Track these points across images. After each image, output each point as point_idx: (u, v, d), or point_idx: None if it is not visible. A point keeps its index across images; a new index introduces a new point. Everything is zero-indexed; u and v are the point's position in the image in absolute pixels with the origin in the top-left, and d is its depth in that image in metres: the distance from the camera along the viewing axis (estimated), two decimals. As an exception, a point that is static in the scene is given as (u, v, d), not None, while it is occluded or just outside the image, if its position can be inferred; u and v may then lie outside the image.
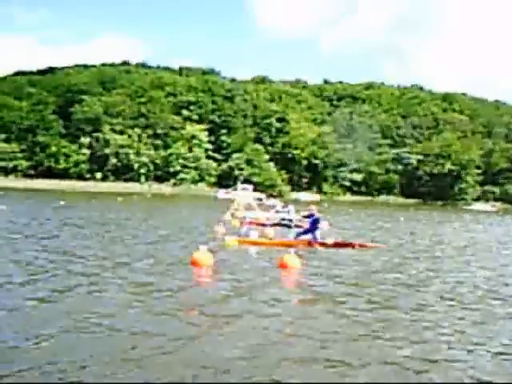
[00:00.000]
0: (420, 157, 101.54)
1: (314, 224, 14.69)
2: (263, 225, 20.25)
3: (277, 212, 26.64)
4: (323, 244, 14.57)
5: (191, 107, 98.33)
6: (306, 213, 15.68)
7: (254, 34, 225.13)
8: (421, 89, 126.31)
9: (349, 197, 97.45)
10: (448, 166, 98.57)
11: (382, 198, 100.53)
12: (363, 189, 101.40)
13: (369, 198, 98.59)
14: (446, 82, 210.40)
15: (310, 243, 14.54)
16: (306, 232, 14.99)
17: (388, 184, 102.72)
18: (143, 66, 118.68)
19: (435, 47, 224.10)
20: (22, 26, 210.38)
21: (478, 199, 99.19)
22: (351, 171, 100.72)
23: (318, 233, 14.75)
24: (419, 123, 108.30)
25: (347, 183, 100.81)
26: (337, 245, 14.56)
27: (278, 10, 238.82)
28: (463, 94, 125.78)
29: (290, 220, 20.53)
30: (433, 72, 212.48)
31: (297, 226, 19.25)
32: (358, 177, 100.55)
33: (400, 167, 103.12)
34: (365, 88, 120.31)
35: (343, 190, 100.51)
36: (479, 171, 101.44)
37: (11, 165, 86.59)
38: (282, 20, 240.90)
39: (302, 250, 13.60)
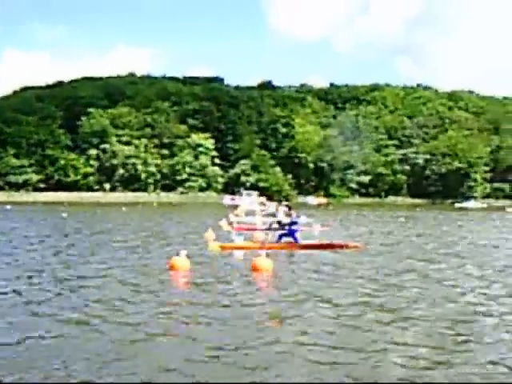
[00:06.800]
0: (427, 156, 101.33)
1: (293, 226, 15.07)
2: (253, 229, 20.61)
3: (272, 216, 26.88)
4: (305, 246, 14.91)
5: (196, 116, 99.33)
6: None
7: (265, 38, 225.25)
8: (426, 88, 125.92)
9: (357, 199, 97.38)
10: (455, 164, 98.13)
11: (391, 199, 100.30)
12: (371, 190, 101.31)
13: (377, 199, 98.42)
14: (454, 81, 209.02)
15: (291, 245, 14.89)
16: (286, 235, 15.36)
17: (396, 185, 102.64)
18: (148, 77, 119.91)
19: (444, 45, 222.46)
20: (42, 42, 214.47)
21: (487, 196, 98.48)
22: (358, 173, 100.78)
23: (298, 234, 15.12)
24: (425, 123, 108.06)
25: (355, 185, 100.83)
26: (317, 246, 14.89)
27: (291, 12, 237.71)
28: (469, 92, 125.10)
29: (279, 222, 20.81)
30: (442, 71, 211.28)
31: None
32: (365, 179, 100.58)
33: (407, 167, 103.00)
34: (370, 90, 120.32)
35: (351, 193, 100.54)
36: (487, 168, 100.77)
37: (21, 179, 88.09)
38: (295, 23, 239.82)
39: (280, 253, 13.96)
